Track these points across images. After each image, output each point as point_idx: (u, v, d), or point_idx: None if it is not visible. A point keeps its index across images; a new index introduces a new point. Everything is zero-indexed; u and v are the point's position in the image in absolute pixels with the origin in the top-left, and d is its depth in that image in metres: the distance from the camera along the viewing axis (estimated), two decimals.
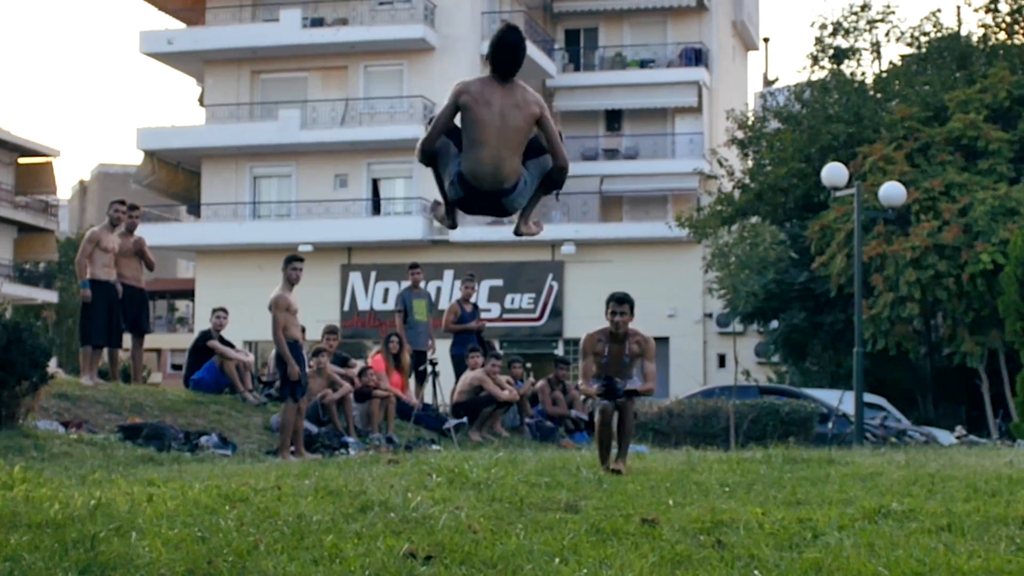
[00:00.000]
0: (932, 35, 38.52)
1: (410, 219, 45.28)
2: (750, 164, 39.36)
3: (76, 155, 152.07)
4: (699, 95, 49.21)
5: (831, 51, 39.26)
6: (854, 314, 26.85)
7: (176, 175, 49.45)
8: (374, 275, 45.69)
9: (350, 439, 17.61)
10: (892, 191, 27.11)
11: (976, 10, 37.29)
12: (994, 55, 36.89)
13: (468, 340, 21.25)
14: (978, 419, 33.52)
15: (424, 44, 45.88)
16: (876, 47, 39.81)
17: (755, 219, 36.36)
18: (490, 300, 43.83)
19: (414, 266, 21.26)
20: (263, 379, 20.56)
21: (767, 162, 38.32)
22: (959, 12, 50.83)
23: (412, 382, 21.33)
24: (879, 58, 40.06)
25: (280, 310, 15.54)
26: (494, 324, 34.38)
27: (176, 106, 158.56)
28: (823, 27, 39.42)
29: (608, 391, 11.77)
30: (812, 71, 39.39)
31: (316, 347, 18.25)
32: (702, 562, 6.59)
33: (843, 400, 25.97)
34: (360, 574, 6.16)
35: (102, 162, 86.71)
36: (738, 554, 6.78)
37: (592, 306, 12.54)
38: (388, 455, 14.52)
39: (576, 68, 51.57)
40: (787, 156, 36.90)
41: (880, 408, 27.92)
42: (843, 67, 39.11)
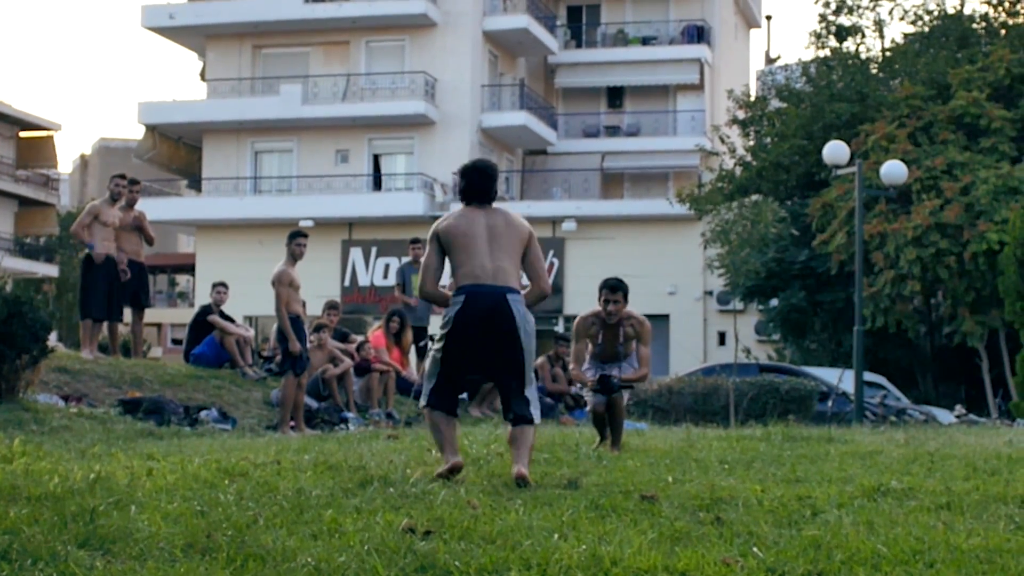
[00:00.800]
0: (935, 14, 38.47)
1: (411, 195, 45.24)
2: (751, 143, 39.31)
3: (77, 129, 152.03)
4: (701, 72, 49.14)
5: (834, 29, 39.18)
6: (854, 292, 26.86)
7: (177, 149, 49.41)
8: (375, 251, 45.68)
9: (350, 414, 17.63)
10: (893, 169, 27.08)
11: None
12: (996, 34, 36.84)
13: None
14: (978, 398, 33.54)
15: (426, 20, 45.79)
16: (879, 25, 39.74)
17: (756, 197, 36.32)
18: None
19: (415, 241, 21.24)
20: (263, 354, 20.57)
21: (768, 139, 38.27)
22: None
23: (412, 358, 21.34)
24: (882, 37, 39.99)
25: (283, 285, 15.54)
26: None
27: (177, 80, 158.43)
28: (826, 5, 39.34)
29: (604, 386, 11.53)
30: (816, 49, 39.33)
31: (318, 322, 18.26)
32: (701, 539, 6.59)
33: (843, 378, 26.00)
34: (359, 549, 6.16)
35: (103, 136, 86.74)
36: (737, 531, 6.78)
37: (593, 283, 12.41)
38: (388, 430, 14.53)
39: (578, 45, 51.50)
40: (789, 133, 36.86)
41: (880, 387, 27.94)
42: (846, 45, 39.04)
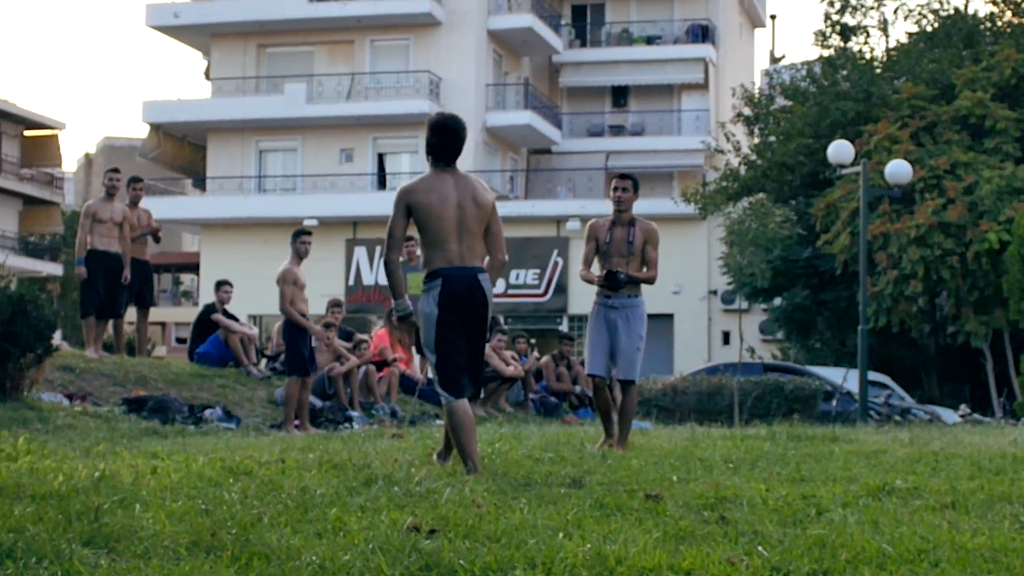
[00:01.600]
0: (939, 13, 38.43)
1: None
2: (756, 141, 39.29)
3: (82, 128, 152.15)
4: (705, 72, 49.13)
5: (839, 28, 39.13)
6: (858, 292, 26.84)
7: (182, 148, 49.44)
8: (379, 250, 45.70)
9: (354, 413, 17.63)
10: (898, 169, 27.06)
11: None
12: (1001, 34, 36.80)
13: None
14: (982, 398, 33.52)
15: (430, 19, 45.80)
16: (884, 25, 39.70)
17: (761, 195, 36.32)
18: None
19: (409, 239, 21.24)
20: (266, 352, 20.59)
21: (774, 138, 38.24)
22: None
23: (416, 357, 21.33)
24: (887, 36, 39.96)
25: (287, 284, 15.56)
26: (499, 300, 34.39)
27: (182, 79, 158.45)
28: (831, 3, 39.29)
29: (610, 281, 11.30)
30: (821, 48, 39.28)
31: (324, 321, 18.27)
32: (706, 538, 6.59)
33: (847, 378, 25.98)
34: (363, 547, 6.16)
35: (108, 135, 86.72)
36: (742, 530, 6.78)
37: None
38: (392, 429, 14.53)
39: (583, 44, 51.50)
40: (794, 132, 36.83)
41: (884, 386, 27.93)
42: (850, 44, 38.99)
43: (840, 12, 39.22)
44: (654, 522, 6.97)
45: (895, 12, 40.28)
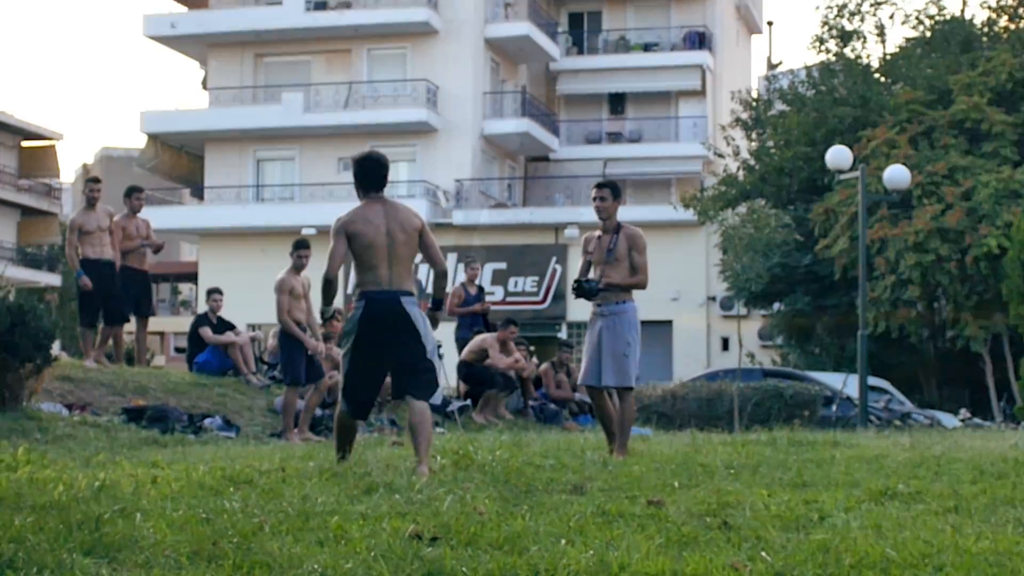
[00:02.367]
0: (936, 18, 38.47)
1: (413, 202, 45.15)
2: (755, 144, 39.30)
3: (80, 138, 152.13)
4: (703, 78, 49.16)
5: (837, 32, 39.13)
6: (857, 297, 26.83)
7: (179, 158, 49.43)
8: None
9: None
10: (896, 174, 27.06)
11: None
12: (997, 39, 36.84)
13: (474, 323, 21.20)
14: (982, 402, 33.50)
15: (428, 27, 45.82)
16: (881, 30, 39.72)
17: (761, 201, 36.33)
18: (493, 283, 43.81)
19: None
20: (265, 359, 20.56)
21: (772, 144, 38.26)
22: None
23: None
24: (884, 41, 39.98)
25: (283, 293, 15.58)
26: (497, 307, 34.39)
27: (180, 89, 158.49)
28: (829, 8, 39.30)
29: (578, 290, 11.29)
30: (818, 53, 39.28)
31: (323, 332, 18.25)
32: (709, 544, 6.57)
33: (847, 383, 25.97)
34: (366, 555, 6.14)
35: (105, 145, 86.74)
36: (745, 536, 6.76)
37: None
38: (392, 437, 14.52)
39: (580, 51, 51.51)
40: (792, 139, 36.84)
41: (884, 391, 27.93)
42: (848, 50, 39.00)
43: (838, 16, 39.22)
44: (656, 528, 6.96)
45: (891, 17, 40.38)
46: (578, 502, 7.83)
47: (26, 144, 61.17)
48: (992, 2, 37.36)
